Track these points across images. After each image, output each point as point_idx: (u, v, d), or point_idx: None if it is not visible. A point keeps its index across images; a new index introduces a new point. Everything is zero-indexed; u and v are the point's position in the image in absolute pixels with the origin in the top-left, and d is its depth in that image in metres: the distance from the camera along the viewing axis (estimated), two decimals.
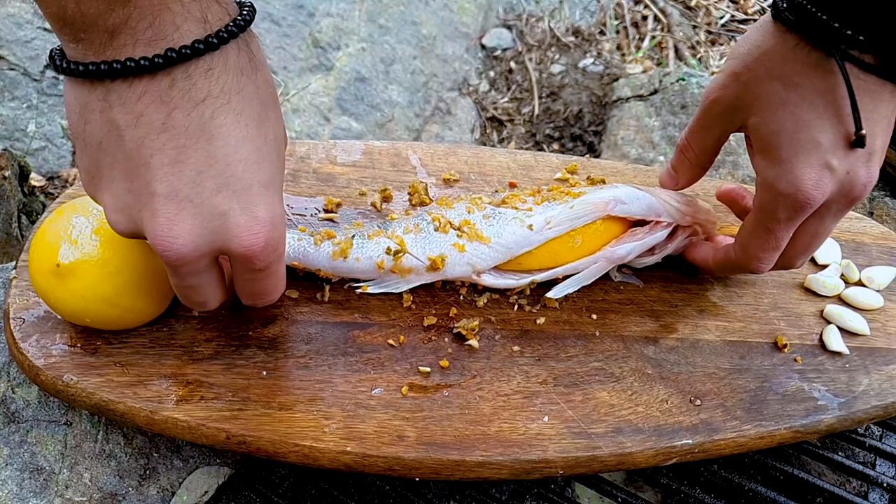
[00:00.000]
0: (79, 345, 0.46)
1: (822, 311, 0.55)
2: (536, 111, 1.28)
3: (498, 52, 1.36)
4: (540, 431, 0.46)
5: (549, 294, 0.52)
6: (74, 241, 0.42)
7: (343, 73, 1.19)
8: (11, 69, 1.05)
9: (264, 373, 0.46)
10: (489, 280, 0.51)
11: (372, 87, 1.20)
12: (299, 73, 1.17)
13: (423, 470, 0.44)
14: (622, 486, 0.55)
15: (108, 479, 0.48)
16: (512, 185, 0.60)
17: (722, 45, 1.60)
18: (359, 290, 0.51)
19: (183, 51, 0.31)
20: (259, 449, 0.43)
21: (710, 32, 1.62)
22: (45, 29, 1.06)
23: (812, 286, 0.56)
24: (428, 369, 0.48)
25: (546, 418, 0.46)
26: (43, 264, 0.42)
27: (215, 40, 0.32)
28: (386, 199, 0.57)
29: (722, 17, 1.63)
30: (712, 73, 1.41)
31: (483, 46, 1.38)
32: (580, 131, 1.24)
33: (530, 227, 0.50)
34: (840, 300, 0.56)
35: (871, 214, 0.89)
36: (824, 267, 0.58)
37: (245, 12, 0.34)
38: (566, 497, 0.54)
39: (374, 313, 0.50)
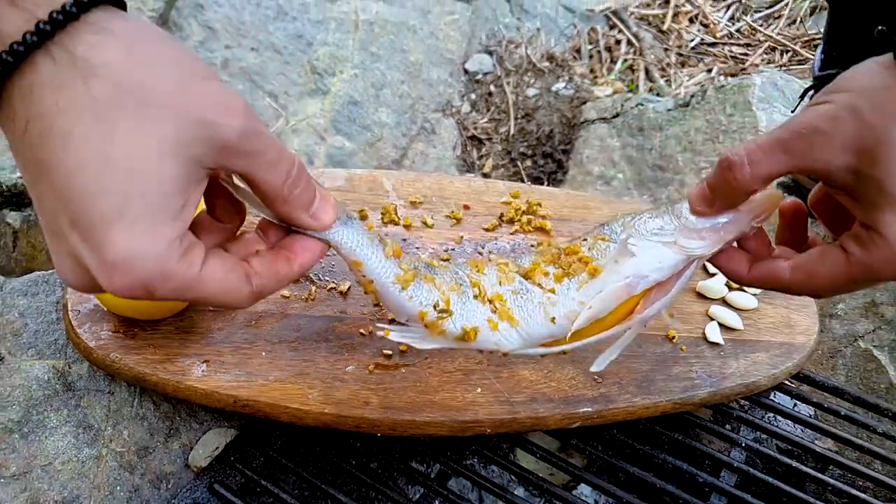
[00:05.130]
0: (121, 331, 0.60)
1: (707, 311, 0.69)
2: (512, 131, 1.42)
3: (479, 76, 1.51)
4: (474, 400, 0.59)
5: (592, 368, 0.51)
6: None
7: (338, 97, 1.33)
8: None
9: (263, 353, 0.60)
10: (518, 351, 0.50)
11: (363, 110, 1.34)
12: (298, 97, 1.31)
13: (382, 427, 0.58)
14: (556, 452, 0.69)
15: (142, 436, 0.62)
16: (466, 208, 0.74)
17: (692, 66, 1.73)
18: (380, 333, 0.49)
19: None
20: (259, 410, 0.57)
21: (680, 55, 1.75)
22: None
23: (702, 290, 0.70)
24: (390, 352, 0.62)
25: (479, 389, 0.60)
26: None
27: (10, 58, 0.28)
28: (363, 217, 0.71)
29: (692, 40, 1.77)
30: (675, 94, 1.54)
31: (465, 71, 1.52)
32: (551, 150, 1.38)
33: (553, 320, 0.48)
34: (724, 302, 0.70)
35: None
36: (714, 275, 0.72)
37: (62, 9, 0.28)
38: (510, 461, 0.68)
39: (350, 310, 0.64)
